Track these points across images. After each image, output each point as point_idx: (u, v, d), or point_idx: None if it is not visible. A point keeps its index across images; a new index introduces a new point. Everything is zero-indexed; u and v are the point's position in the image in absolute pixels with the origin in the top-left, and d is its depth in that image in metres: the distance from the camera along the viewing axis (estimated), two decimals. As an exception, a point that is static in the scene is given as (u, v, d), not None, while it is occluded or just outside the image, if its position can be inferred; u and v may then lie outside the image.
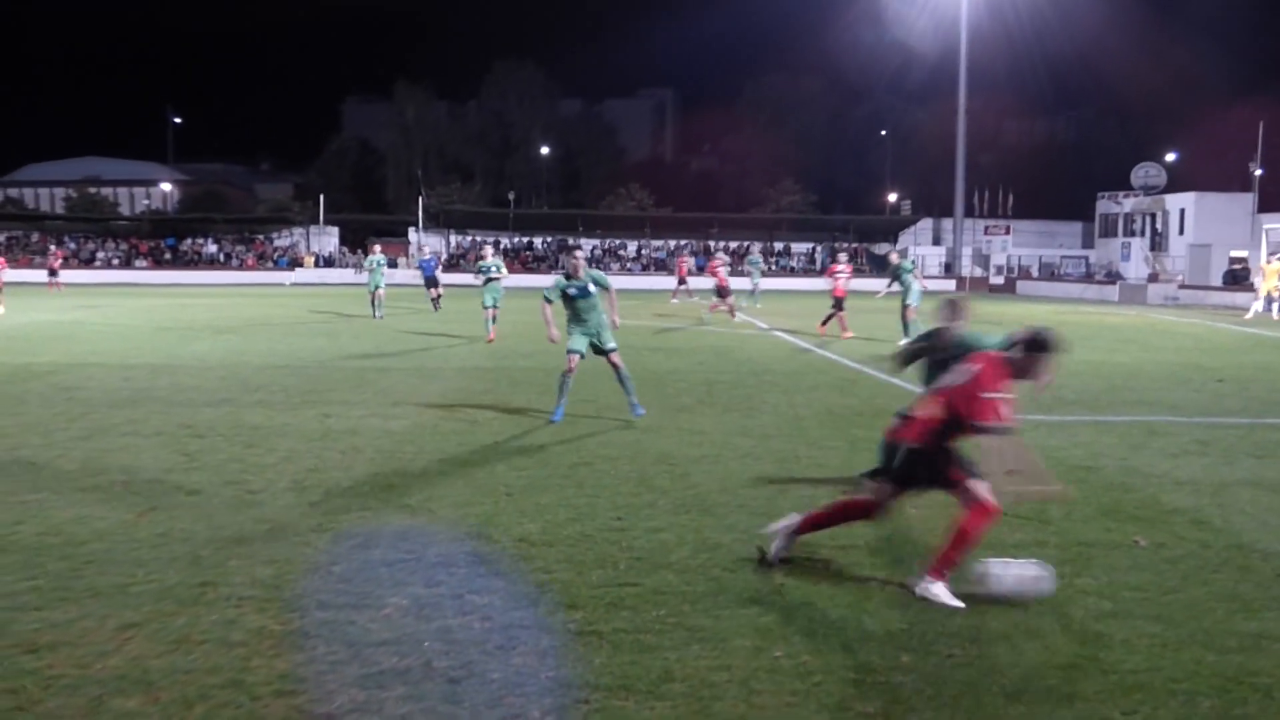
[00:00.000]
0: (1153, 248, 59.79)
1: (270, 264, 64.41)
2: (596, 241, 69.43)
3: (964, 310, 7.78)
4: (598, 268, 59.35)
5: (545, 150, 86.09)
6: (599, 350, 11.41)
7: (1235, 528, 7.40)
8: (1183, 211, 59.55)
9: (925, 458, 5.87)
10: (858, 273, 55.78)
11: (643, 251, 69.23)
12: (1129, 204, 61.92)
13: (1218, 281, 51.89)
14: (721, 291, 27.13)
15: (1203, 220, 58.03)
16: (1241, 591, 6.05)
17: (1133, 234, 62.65)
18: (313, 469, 8.88)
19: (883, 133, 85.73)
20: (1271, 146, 58.94)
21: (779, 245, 69.69)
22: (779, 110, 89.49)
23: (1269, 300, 33.43)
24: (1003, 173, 72.86)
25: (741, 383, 15.13)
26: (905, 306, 21.86)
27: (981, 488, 5.81)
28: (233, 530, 6.97)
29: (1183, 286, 48.99)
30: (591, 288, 11.31)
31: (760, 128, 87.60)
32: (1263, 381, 16.62)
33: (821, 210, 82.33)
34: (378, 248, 28.76)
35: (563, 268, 11.97)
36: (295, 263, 63.48)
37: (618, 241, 69.97)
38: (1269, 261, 34.89)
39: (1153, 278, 51.58)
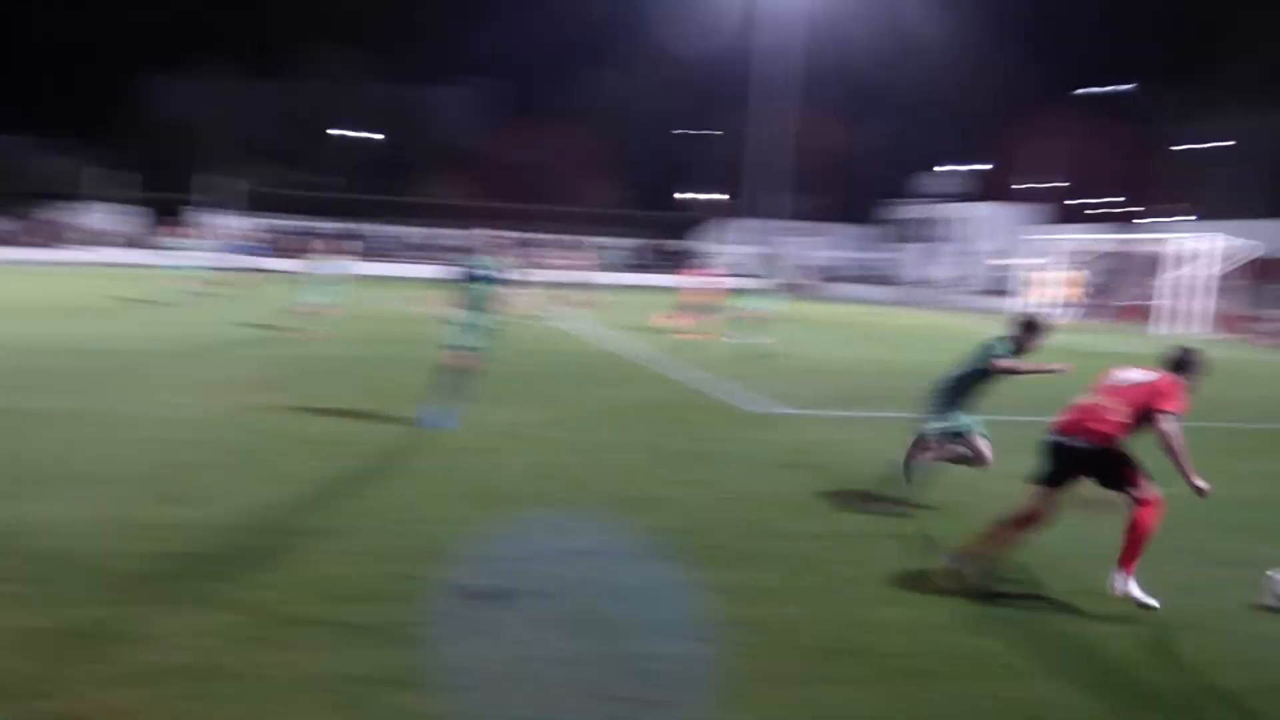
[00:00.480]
0: (943, 253, 62.69)
1: (53, 241, 60.79)
2: (415, 230, 68.34)
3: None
4: (418, 258, 58.56)
5: (363, 135, 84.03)
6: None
7: (993, 520, 7.91)
8: (971, 219, 62.65)
9: (1114, 456, 6.18)
10: (669, 270, 56.84)
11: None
12: (921, 210, 64.83)
13: (1004, 286, 54.80)
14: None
15: (990, 228, 61.19)
16: (995, 578, 6.49)
17: (925, 239, 65.57)
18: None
19: (702, 132, 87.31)
20: (1052, 162, 62.58)
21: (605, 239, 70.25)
22: (602, 105, 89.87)
23: (1063, 306, 36.02)
24: (802, 174, 75.26)
25: (545, 373, 15.29)
26: (755, 311, 21.62)
27: (1150, 484, 6.14)
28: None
29: (972, 290, 51.68)
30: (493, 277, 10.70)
31: (583, 122, 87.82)
32: (1034, 380, 17.67)
33: (641, 206, 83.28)
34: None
35: (472, 253, 11.16)
36: (80, 241, 60.10)
37: (437, 230, 68.98)
38: (1069, 270, 37.46)
39: (944, 282, 54.24)
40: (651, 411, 12.44)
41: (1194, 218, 47.61)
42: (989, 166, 72.18)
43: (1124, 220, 62.32)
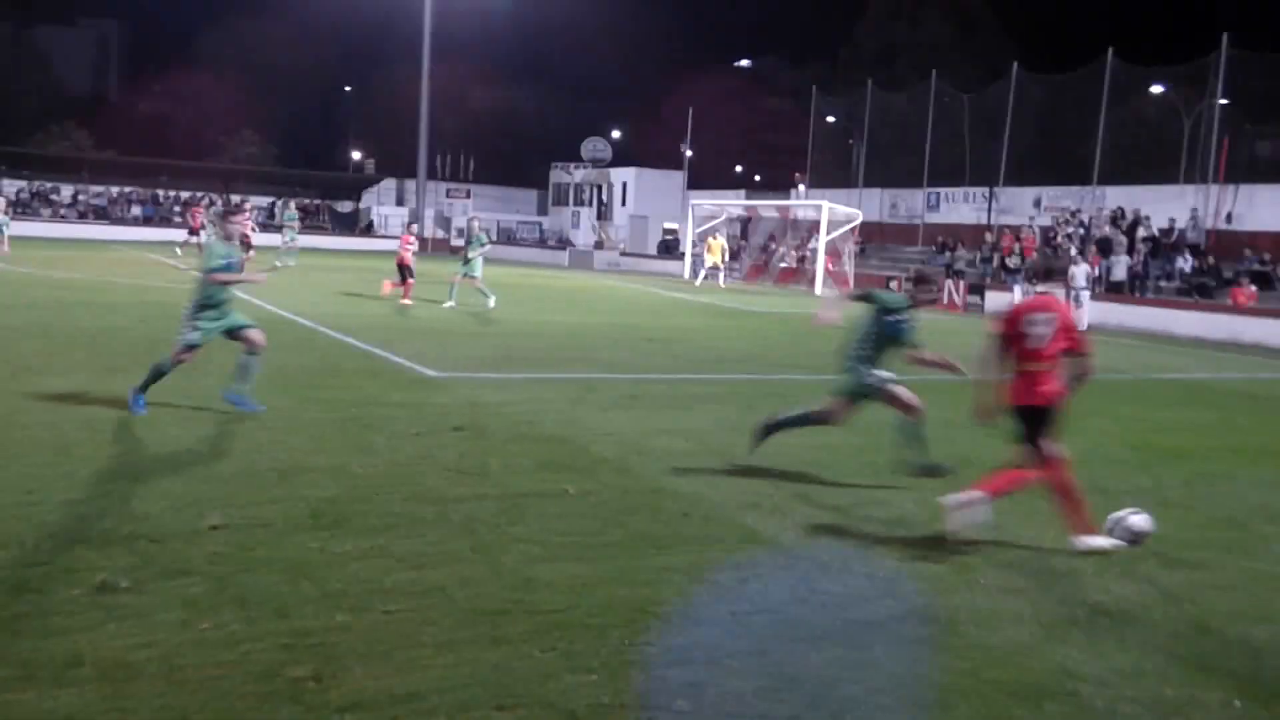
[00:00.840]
0: (599, 217, 64.29)
1: None
2: (22, 184, 61.79)
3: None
4: (23, 213, 53.06)
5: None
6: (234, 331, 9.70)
7: (652, 473, 8.18)
8: (625, 184, 64.54)
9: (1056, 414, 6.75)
10: (315, 230, 54.87)
11: (80, 197, 62.77)
12: (579, 175, 66.09)
13: (654, 250, 56.92)
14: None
15: (642, 193, 63.28)
16: (653, 530, 6.68)
17: (582, 203, 66.93)
18: None
19: (347, 89, 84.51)
20: (699, 129, 65.37)
21: (236, 198, 66.42)
22: (241, 55, 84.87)
23: (713, 270, 37.64)
24: (466, 137, 74.85)
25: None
26: (468, 276, 21.86)
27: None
28: None
29: (624, 254, 53.40)
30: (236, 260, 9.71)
31: (219, 72, 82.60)
32: (685, 341, 18.53)
33: (283, 164, 79.60)
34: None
35: (219, 232, 9.89)
36: None
37: (49, 185, 62.82)
38: (714, 236, 39.22)
39: (599, 245, 55.68)
40: (321, 378, 11.89)
41: (818, 187, 51.29)
42: (641, 132, 74.55)
43: (767, 187, 66.33)
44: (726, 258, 39.04)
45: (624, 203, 64.66)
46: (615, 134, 70.80)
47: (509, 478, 7.77)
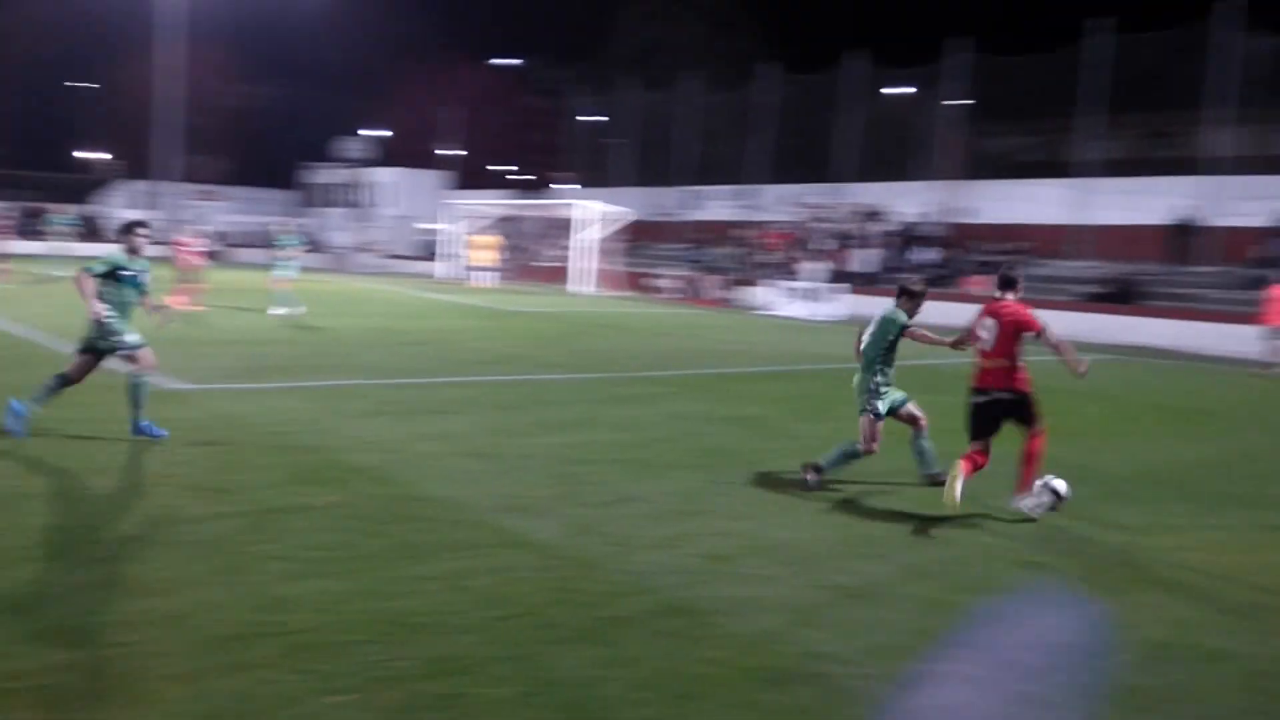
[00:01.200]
0: (358, 218, 62.71)
1: None
2: None
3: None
4: None
5: None
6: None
7: (411, 481, 7.99)
8: (385, 185, 63.20)
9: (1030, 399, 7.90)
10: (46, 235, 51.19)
11: None
12: (336, 175, 64.30)
13: (416, 251, 55.96)
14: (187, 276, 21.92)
15: (403, 194, 62.10)
16: (413, 539, 6.52)
17: (340, 204, 65.13)
18: None
19: (85, 85, 79.13)
20: (461, 128, 64.75)
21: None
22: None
23: (482, 270, 37.37)
24: (215, 137, 71.35)
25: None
26: (280, 278, 21.96)
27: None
28: None
29: (385, 256, 52.30)
30: (148, 278, 9.01)
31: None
32: (445, 343, 18.29)
33: (11, 165, 73.81)
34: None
35: (124, 243, 8.87)
36: None
37: None
38: (485, 235, 38.88)
39: (358, 247, 54.31)
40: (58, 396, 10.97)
41: (579, 186, 51.80)
42: (399, 132, 73.12)
43: (529, 186, 66.25)
44: (498, 257, 38.76)
45: (384, 203, 63.29)
46: (374, 133, 69.12)
47: (258, 493, 7.41)
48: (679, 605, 5.58)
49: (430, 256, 49.68)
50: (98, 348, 8.91)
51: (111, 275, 8.86)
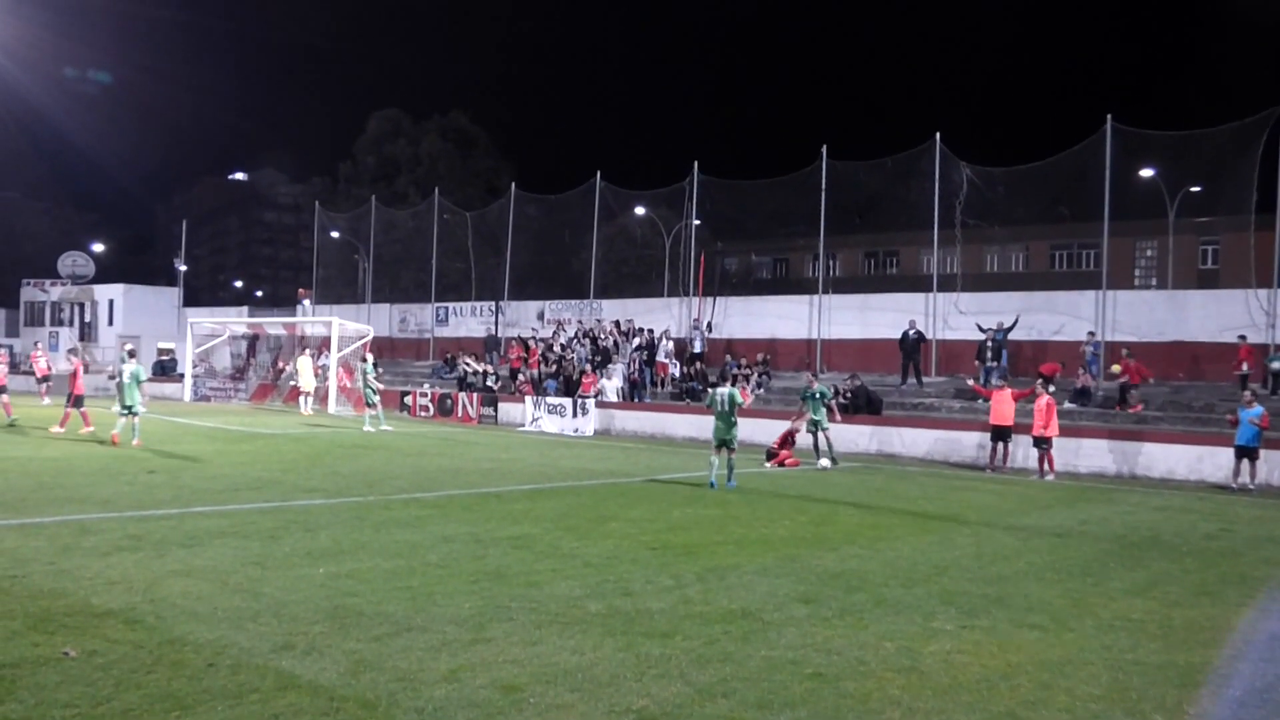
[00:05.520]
0: (82, 337, 58.98)
1: None
2: None
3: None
4: None
5: None
6: None
7: (168, 622, 7.38)
8: (111, 302, 59.88)
9: None
10: None
11: None
12: (57, 292, 60.43)
13: (149, 372, 53.02)
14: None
15: (132, 312, 58.96)
16: (175, 689, 5.99)
17: (61, 323, 61.14)
18: None
19: None
20: (194, 244, 62.36)
21: None
22: None
23: (304, 395, 35.65)
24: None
25: None
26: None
27: None
28: None
29: (112, 378, 49.15)
30: None
31: None
32: (193, 470, 17.24)
33: None
34: None
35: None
36: None
37: None
38: (303, 355, 37.03)
39: (84, 369, 50.84)
40: None
41: (322, 303, 50.73)
42: (129, 247, 69.78)
43: (272, 303, 64.18)
44: (314, 381, 36.83)
45: (111, 321, 59.85)
46: (98, 248, 65.56)
47: (-8, 647, 6.66)
48: (476, 743, 5.34)
49: (165, 376, 47.10)
50: None
51: None
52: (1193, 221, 40.20)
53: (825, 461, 21.32)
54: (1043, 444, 21.29)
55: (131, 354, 22.91)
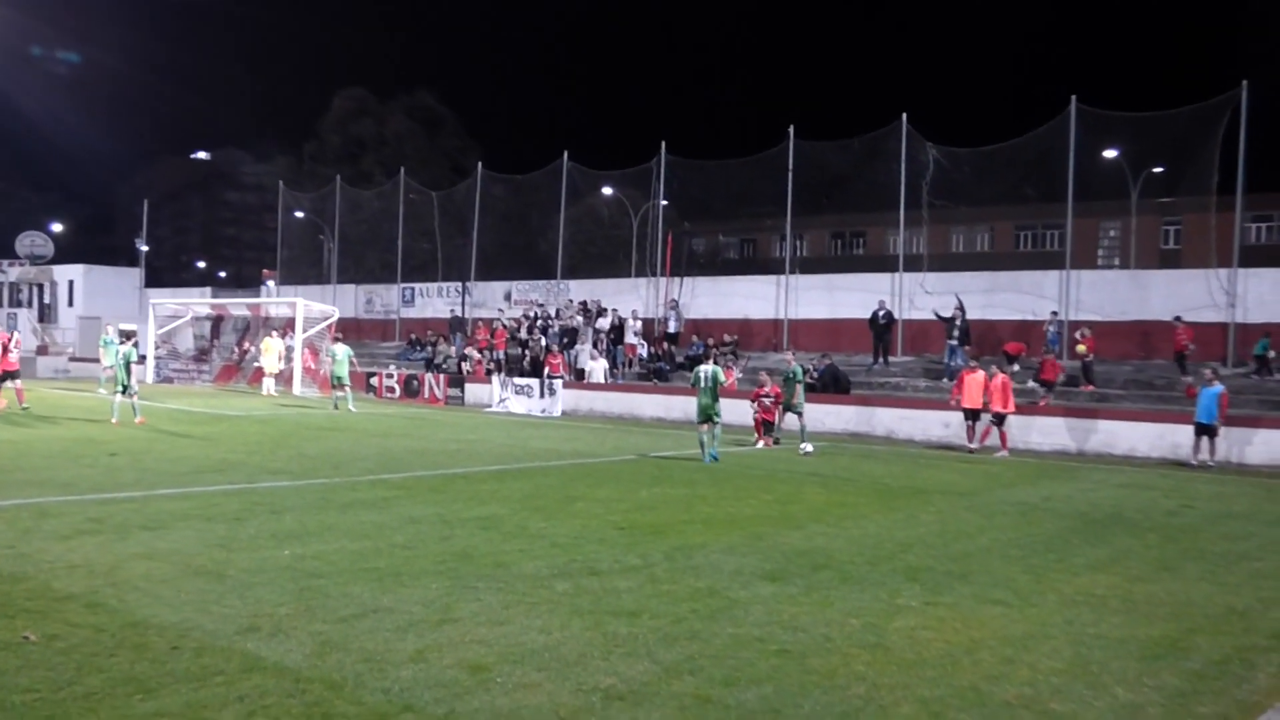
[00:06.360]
0: (41, 319, 58.22)
1: None
2: None
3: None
4: None
5: None
6: None
7: (131, 606, 7.32)
8: (71, 283, 59.10)
9: None
10: None
11: None
12: (14, 273, 59.59)
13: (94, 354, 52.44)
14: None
15: (92, 293, 58.21)
16: (138, 672, 5.94)
17: (20, 304, 60.31)
18: None
19: None
20: (155, 224, 61.66)
21: None
22: None
23: (267, 376, 35.37)
24: None
25: None
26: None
27: None
28: None
29: (74, 359, 48.63)
30: None
31: None
32: (155, 453, 17.08)
33: None
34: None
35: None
36: None
37: None
38: (271, 337, 36.67)
39: (42, 350, 50.31)
40: None
41: (288, 283, 50.37)
42: (89, 226, 68.91)
43: (236, 284, 63.61)
44: (280, 362, 36.51)
45: (71, 302, 59.07)
46: (57, 228, 64.71)
47: (-42, 632, 6.59)
48: (444, 722, 5.34)
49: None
50: None
51: None
52: (1155, 202, 40.54)
53: (808, 446, 20.95)
54: (997, 419, 21.62)
55: (128, 336, 23.67)
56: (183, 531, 10.13)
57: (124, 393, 22.22)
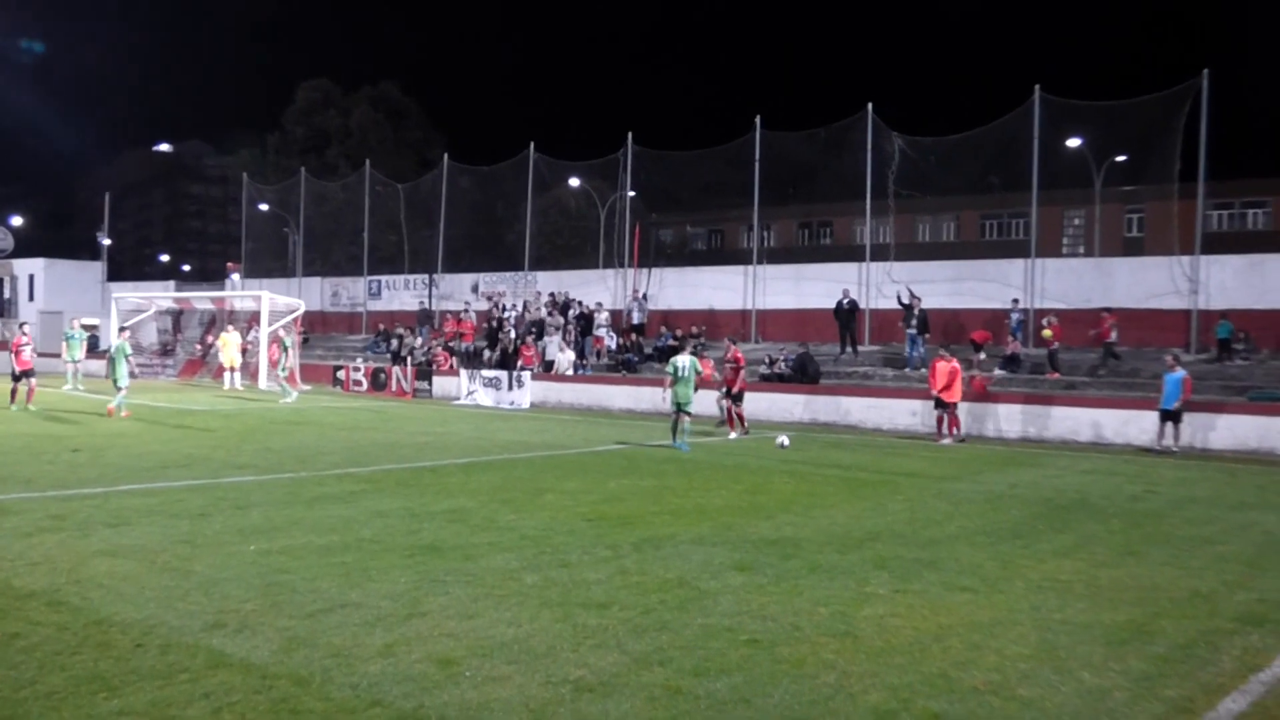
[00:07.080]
0: (1, 314, 57.42)
1: None
2: None
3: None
4: None
5: None
6: None
7: (94, 603, 7.22)
8: (32, 277, 58.33)
9: None
10: None
11: None
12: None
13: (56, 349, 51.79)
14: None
15: (53, 287, 57.45)
16: (102, 670, 5.86)
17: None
18: None
19: None
20: (117, 217, 60.91)
21: None
22: None
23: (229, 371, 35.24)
24: None
25: None
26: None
27: None
28: None
29: (37, 354, 47.99)
30: None
31: None
32: (118, 448, 16.89)
33: None
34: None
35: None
36: None
37: None
38: (227, 332, 36.40)
39: (2, 345, 49.61)
40: None
41: (252, 276, 49.93)
42: (49, 220, 68.01)
43: (199, 277, 62.98)
44: (239, 357, 36.20)
45: (31, 297, 58.28)
46: (17, 221, 63.83)
47: (-92, 631, 6.48)
48: (410, 717, 5.29)
49: (90, 353, 46.04)
50: None
51: None
52: (1118, 190, 40.86)
53: (784, 438, 20.96)
54: (943, 406, 21.89)
55: (122, 330, 25.23)
56: (146, 528, 10.02)
57: (116, 386, 23.02)
